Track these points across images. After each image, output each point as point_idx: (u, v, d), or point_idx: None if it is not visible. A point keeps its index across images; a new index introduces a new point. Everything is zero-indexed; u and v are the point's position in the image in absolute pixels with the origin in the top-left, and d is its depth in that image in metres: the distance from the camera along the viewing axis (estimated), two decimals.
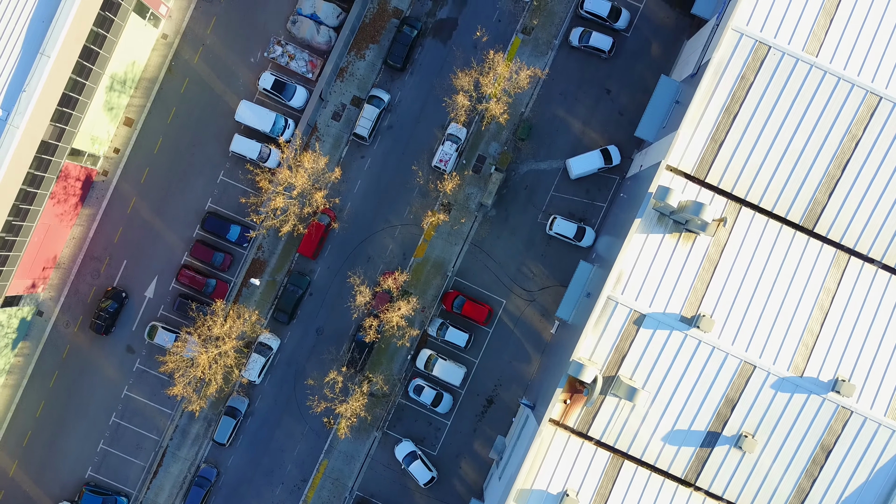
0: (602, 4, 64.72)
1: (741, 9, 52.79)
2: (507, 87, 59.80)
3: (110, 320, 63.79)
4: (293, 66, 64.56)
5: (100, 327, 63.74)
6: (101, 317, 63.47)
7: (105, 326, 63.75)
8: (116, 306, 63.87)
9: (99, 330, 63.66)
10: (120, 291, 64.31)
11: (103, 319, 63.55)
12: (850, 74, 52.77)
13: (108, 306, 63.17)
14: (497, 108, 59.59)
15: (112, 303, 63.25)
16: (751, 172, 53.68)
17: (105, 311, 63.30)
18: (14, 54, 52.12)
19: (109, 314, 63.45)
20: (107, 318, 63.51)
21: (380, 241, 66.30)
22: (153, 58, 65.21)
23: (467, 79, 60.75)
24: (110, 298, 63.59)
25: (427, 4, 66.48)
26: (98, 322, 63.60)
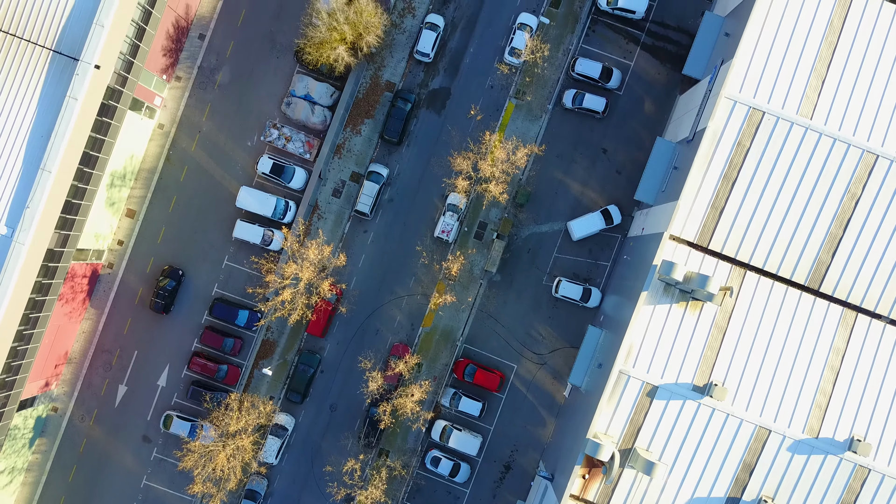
0: (593, 66, 65.08)
1: (733, 76, 53.09)
2: (506, 168, 60.04)
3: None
4: (290, 147, 64.91)
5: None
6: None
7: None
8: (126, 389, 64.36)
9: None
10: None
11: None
12: (846, 135, 53.05)
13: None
14: (496, 190, 59.90)
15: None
16: (753, 237, 53.93)
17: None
18: (15, 170, 52.50)
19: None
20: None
21: (387, 312, 66.57)
22: (151, 148, 65.58)
23: (466, 163, 61.07)
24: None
25: (419, 76, 66.85)
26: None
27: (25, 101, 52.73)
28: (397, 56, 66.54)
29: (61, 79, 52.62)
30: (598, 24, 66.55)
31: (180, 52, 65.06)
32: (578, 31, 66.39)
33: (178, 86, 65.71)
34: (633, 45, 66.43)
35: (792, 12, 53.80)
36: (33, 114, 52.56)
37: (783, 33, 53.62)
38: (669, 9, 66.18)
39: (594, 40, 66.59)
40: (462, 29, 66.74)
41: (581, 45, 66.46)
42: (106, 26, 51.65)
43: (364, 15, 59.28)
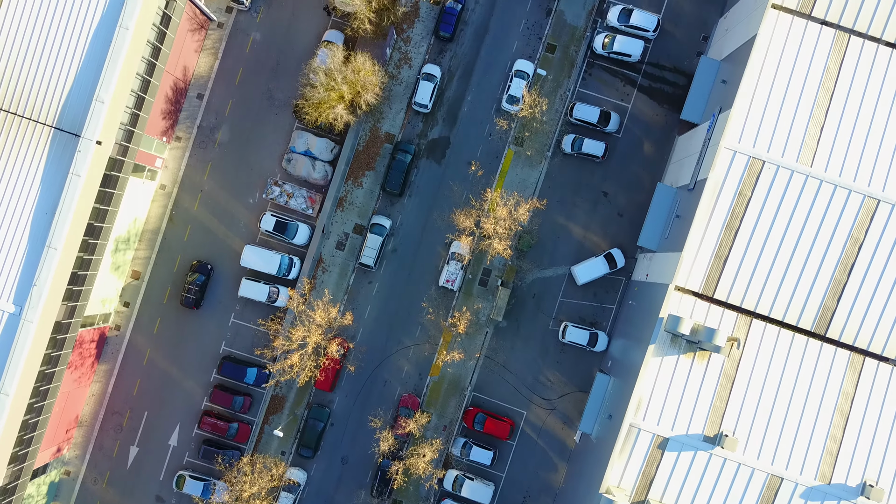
0: (591, 111, 65.28)
1: (732, 127, 53.30)
2: (508, 224, 60.20)
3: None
4: (292, 204, 65.11)
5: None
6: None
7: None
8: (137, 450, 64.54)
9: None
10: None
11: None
12: (846, 181, 53.24)
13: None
14: (500, 246, 60.08)
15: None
16: (758, 285, 54.09)
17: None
18: (21, 248, 52.71)
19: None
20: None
21: (395, 363, 66.71)
22: (153, 209, 65.79)
23: (468, 220, 61.25)
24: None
25: (418, 126, 67.07)
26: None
27: (29, 179, 52.96)
28: (395, 107, 66.77)
29: (63, 155, 52.88)
30: (595, 68, 66.78)
31: (179, 112, 65.31)
32: (575, 75, 66.61)
33: (178, 146, 65.97)
34: (630, 88, 66.65)
35: (788, 60, 54.03)
36: (37, 191, 52.79)
37: (780, 81, 53.85)
38: (665, 50, 66.39)
39: (591, 83, 66.80)
40: (459, 78, 66.97)
41: (578, 89, 66.68)
42: (106, 102, 51.89)
43: (362, 73, 59.51)
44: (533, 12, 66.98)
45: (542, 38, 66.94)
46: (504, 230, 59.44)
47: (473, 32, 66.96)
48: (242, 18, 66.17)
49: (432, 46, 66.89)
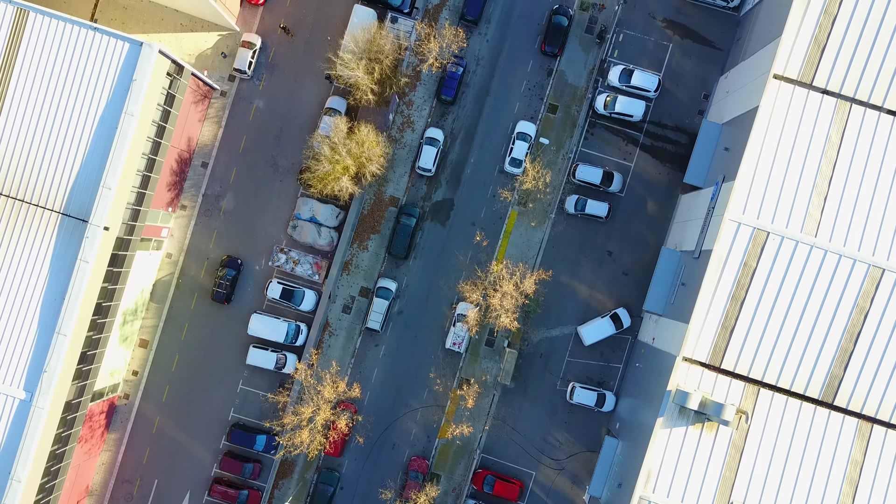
0: (594, 172, 65.54)
1: (736, 199, 53.51)
2: (515, 297, 60.44)
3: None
4: (298, 270, 65.37)
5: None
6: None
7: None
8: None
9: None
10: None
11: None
12: (851, 250, 53.43)
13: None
14: (507, 320, 60.29)
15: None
16: (765, 354, 54.27)
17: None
18: (31, 334, 52.98)
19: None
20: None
21: (402, 425, 66.89)
22: (160, 277, 66.02)
23: (475, 294, 61.50)
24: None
25: (422, 189, 67.35)
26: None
27: (37, 265, 53.24)
28: (399, 171, 67.05)
29: (71, 240, 53.16)
30: (597, 127, 67.07)
31: (184, 181, 65.61)
32: (577, 135, 66.89)
33: (183, 214, 66.26)
34: (632, 147, 66.93)
35: (790, 130, 54.25)
36: (45, 277, 53.07)
37: (783, 152, 54.06)
38: (666, 109, 66.68)
39: (593, 143, 67.10)
40: (462, 140, 67.27)
41: (580, 149, 66.95)
42: (113, 188, 52.19)
43: (366, 145, 59.79)
44: (534, 73, 67.30)
45: (544, 98, 67.25)
46: (510, 304, 59.65)
47: (475, 95, 67.27)
48: (245, 86, 66.50)
49: (434, 109, 67.21)
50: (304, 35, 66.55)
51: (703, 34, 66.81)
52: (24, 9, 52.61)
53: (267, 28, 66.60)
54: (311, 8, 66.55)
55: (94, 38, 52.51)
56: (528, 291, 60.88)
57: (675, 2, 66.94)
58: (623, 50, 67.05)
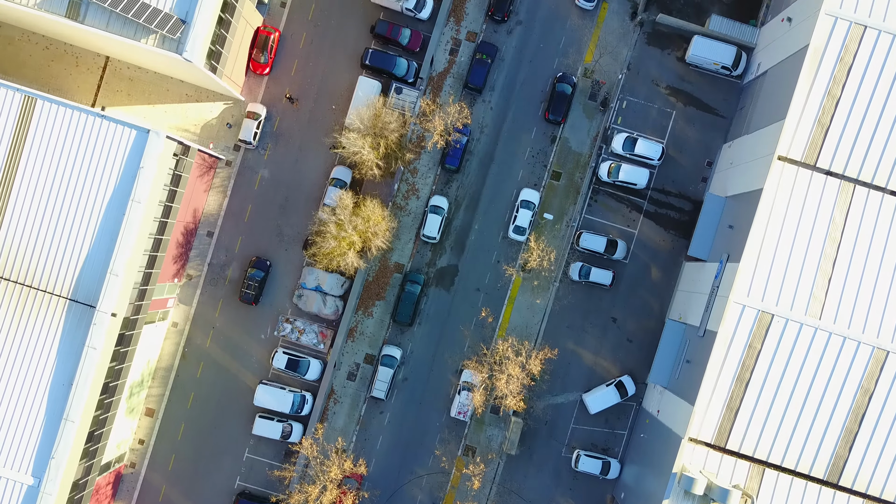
0: (598, 240, 65.77)
1: (740, 282, 53.74)
2: (521, 378, 60.66)
3: None
4: (304, 340, 65.60)
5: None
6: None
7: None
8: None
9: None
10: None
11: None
12: (855, 333, 53.65)
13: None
14: (513, 401, 60.52)
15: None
16: (770, 434, 54.47)
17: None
18: (38, 420, 53.23)
19: None
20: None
21: (408, 492, 67.03)
22: (166, 346, 66.28)
23: (480, 375, 61.73)
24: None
25: (426, 255, 67.58)
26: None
27: (45, 351, 53.49)
28: (404, 238, 67.29)
29: (79, 326, 53.42)
30: (600, 194, 67.33)
31: (190, 251, 65.86)
32: (580, 202, 67.12)
33: (189, 283, 66.48)
34: (636, 214, 67.19)
35: (794, 211, 54.47)
36: (53, 363, 53.33)
37: (787, 233, 54.29)
38: (670, 176, 66.93)
39: (597, 210, 67.34)
40: (466, 207, 67.51)
41: (584, 216, 67.20)
42: (120, 275, 52.46)
43: (371, 221, 60.06)
44: (538, 140, 67.58)
45: (548, 165, 67.54)
46: (516, 386, 59.87)
47: (479, 162, 67.54)
48: (250, 156, 66.80)
49: (439, 177, 67.49)
50: (308, 104, 66.86)
51: (706, 101, 67.10)
52: (31, 96, 52.91)
53: (272, 97, 66.91)
54: (315, 77, 66.86)
55: (101, 125, 52.83)
56: (534, 371, 61.05)
57: (679, 69, 67.23)
58: (627, 116, 67.34)
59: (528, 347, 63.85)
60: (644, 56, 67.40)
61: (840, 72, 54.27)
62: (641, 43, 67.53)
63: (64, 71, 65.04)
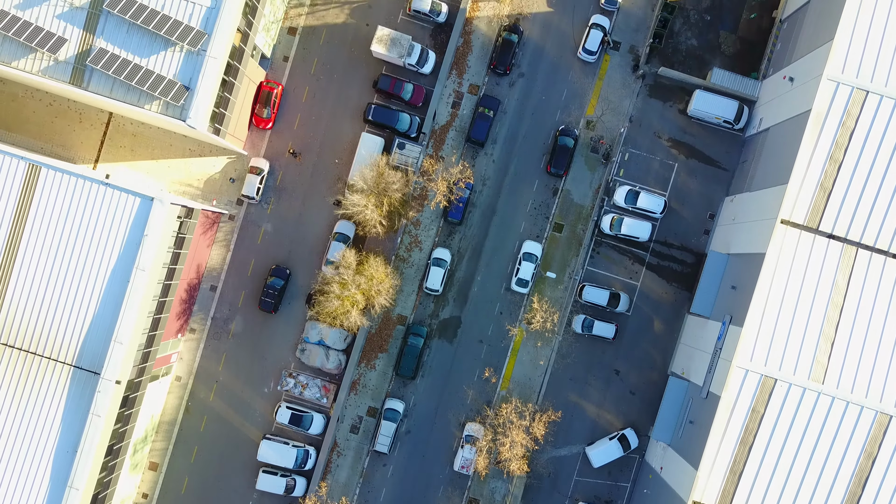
0: (600, 294, 65.87)
1: (743, 346, 53.84)
2: (525, 443, 60.76)
3: None
4: (307, 394, 65.71)
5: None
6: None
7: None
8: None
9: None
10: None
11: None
12: (858, 397, 53.72)
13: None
14: (517, 466, 60.59)
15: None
16: (773, 499, 54.43)
17: None
18: (43, 488, 53.31)
19: None
20: None
21: None
22: (169, 400, 66.37)
23: (484, 438, 61.81)
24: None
25: (429, 307, 67.67)
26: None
27: (49, 418, 53.60)
28: (407, 289, 67.38)
29: (83, 392, 53.55)
30: (603, 246, 67.45)
31: (193, 306, 65.97)
32: (583, 254, 67.23)
33: (192, 337, 66.62)
34: (638, 266, 67.30)
35: (797, 275, 54.55)
36: (57, 430, 53.43)
37: (790, 297, 54.35)
38: (672, 228, 67.05)
39: (599, 262, 67.44)
40: (469, 258, 67.63)
41: (587, 267, 67.30)
42: (125, 343, 52.57)
43: (375, 280, 60.17)
44: (540, 192, 67.71)
45: (550, 217, 67.66)
46: (520, 451, 59.95)
47: (481, 214, 67.67)
48: (253, 210, 66.93)
49: (442, 229, 67.60)
50: (312, 158, 67.01)
51: (708, 154, 67.25)
52: (36, 165, 53.08)
53: (275, 151, 67.07)
54: (318, 131, 67.02)
55: (105, 192, 52.99)
56: (538, 435, 61.12)
57: (681, 121, 67.39)
58: (629, 168, 67.49)
59: (532, 409, 63.85)
60: (646, 108, 67.57)
61: (842, 136, 54.41)
62: (643, 95, 67.71)
63: (67, 127, 65.22)
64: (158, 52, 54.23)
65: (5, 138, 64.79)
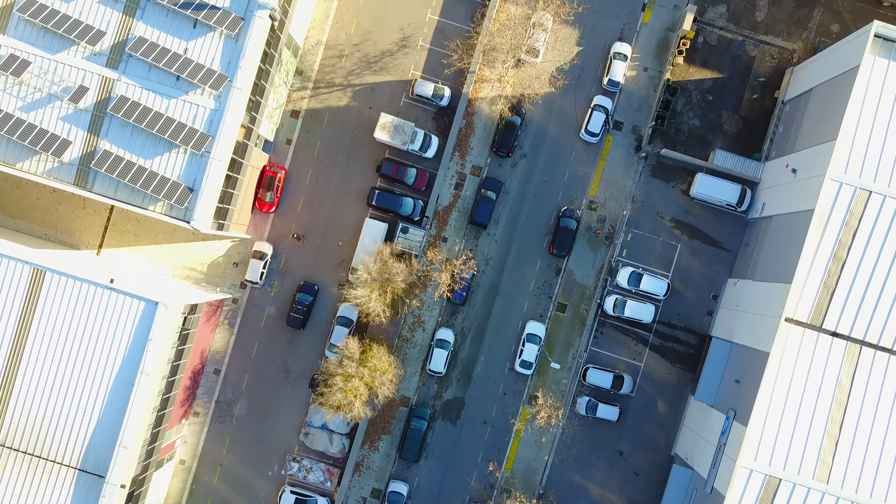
0: (604, 376, 65.88)
1: (747, 446, 53.82)
2: None
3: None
4: (311, 478, 65.71)
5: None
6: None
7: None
8: None
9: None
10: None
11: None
12: (863, 497, 53.68)
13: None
14: None
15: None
16: None
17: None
18: None
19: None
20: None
21: None
22: (174, 484, 66.37)
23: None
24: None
25: (432, 388, 67.70)
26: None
27: None
28: (410, 370, 67.43)
29: (88, 495, 53.56)
30: (606, 326, 67.47)
31: (196, 390, 66.01)
32: (586, 335, 67.25)
33: (196, 421, 66.64)
34: (641, 347, 67.31)
35: (801, 373, 54.60)
36: None
37: (794, 396, 54.39)
38: (675, 309, 67.06)
39: (603, 342, 67.47)
40: (472, 338, 67.67)
41: (590, 347, 67.33)
42: (130, 447, 52.60)
43: (378, 372, 60.21)
44: (542, 272, 67.77)
45: (553, 297, 67.70)
46: None
47: (484, 294, 67.73)
48: (257, 294, 67.01)
49: (445, 309, 67.65)
50: (315, 240, 67.11)
51: (711, 234, 67.30)
52: (40, 269, 53.19)
53: (278, 234, 67.17)
54: (321, 214, 67.13)
55: (109, 297, 53.08)
56: None
57: (683, 202, 67.47)
58: (631, 249, 67.54)
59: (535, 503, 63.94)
60: (649, 188, 67.65)
61: (845, 235, 54.50)
62: (646, 175, 67.83)
63: (71, 213, 65.35)
64: (162, 154, 54.38)
65: (9, 225, 64.97)
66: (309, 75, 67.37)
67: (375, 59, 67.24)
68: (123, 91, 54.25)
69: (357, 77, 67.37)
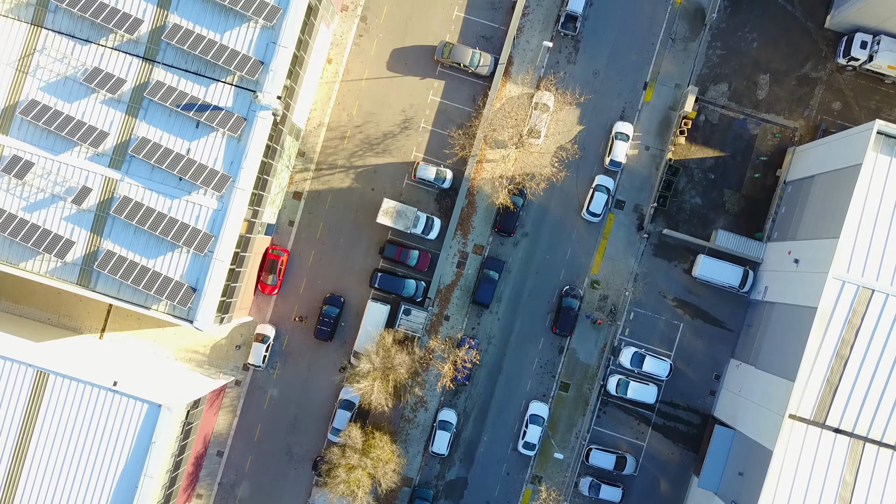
0: (607, 458, 65.80)
1: None
2: None
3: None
4: None
5: None
6: None
7: None
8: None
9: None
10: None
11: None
12: None
13: None
14: None
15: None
16: None
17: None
18: None
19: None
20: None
21: None
22: None
23: None
24: None
25: (435, 468, 67.65)
26: None
27: None
28: (412, 450, 67.38)
29: None
30: (609, 406, 67.44)
31: (200, 471, 66.00)
32: (589, 414, 67.21)
33: (199, 503, 66.59)
34: (644, 426, 67.26)
35: (804, 470, 54.53)
36: None
37: (797, 493, 54.28)
38: (678, 389, 67.02)
39: (605, 421, 67.42)
40: (475, 418, 67.63)
41: (592, 427, 67.27)
42: None
43: (381, 462, 60.18)
44: (545, 351, 67.76)
45: (556, 376, 67.69)
46: None
47: (487, 373, 67.71)
48: (259, 376, 67.01)
49: (447, 389, 67.60)
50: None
51: (713, 314, 67.26)
52: (44, 372, 53.22)
53: (280, 315, 67.19)
54: (324, 295, 67.09)
55: (112, 399, 53.10)
56: None
57: (685, 281, 67.45)
58: (634, 328, 67.53)
59: None
60: (651, 267, 67.65)
61: (848, 333, 54.48)
62: (648, 254, 67.84)
63: (74, 297, 65.40)
64: (165, 254, 54.44)
65: (13, 310, 65.02)
66: (311, 157, 67.47)
67: (378, 140, 67.35)
68: (126, 191, 54.34)
69: (359, 158, 67.47)
